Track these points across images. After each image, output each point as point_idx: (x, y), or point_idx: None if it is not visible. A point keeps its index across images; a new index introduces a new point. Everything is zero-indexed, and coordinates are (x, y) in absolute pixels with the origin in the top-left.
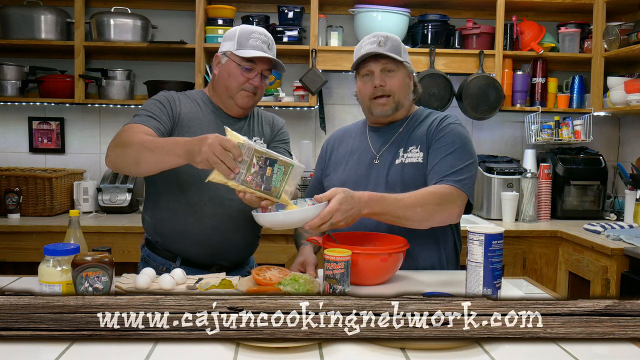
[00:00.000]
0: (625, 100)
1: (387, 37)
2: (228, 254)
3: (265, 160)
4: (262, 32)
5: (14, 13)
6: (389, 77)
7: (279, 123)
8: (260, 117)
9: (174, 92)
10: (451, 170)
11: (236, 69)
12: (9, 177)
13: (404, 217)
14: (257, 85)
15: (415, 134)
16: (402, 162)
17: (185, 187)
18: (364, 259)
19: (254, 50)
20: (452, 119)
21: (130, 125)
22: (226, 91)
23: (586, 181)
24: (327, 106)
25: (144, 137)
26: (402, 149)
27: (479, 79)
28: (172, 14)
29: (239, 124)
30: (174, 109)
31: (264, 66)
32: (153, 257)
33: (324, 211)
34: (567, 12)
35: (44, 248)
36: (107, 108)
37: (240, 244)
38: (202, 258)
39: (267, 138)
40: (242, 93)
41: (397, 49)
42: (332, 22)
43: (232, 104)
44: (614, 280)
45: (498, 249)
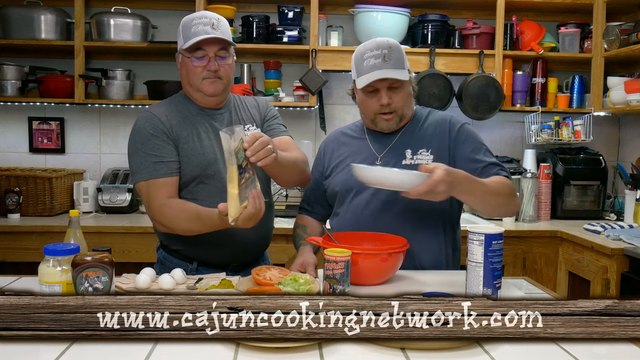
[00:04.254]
0: (625, 100)
1: (390, 49)
2: (245, 252)
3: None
4: (203, 15)
5: (14, 13)
6: (394, 94)
7: (263, 103)
8: (245, 103)
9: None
10: (498, 166)
11: (189, 63)
12: (9, 177)
13: (486, 201)
14: (216, 69)
15: (422, 136)
16: (412, 164)
17: (196, 193)
18: (363, 259)
19: (197, 36)
20: (460, 119)
21: (149, 190)
22: (192, 87)
23: (586, 181)
24: (327, 106)
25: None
26: (409, 150)
27: (479, 79)
28: (172, 14)
29: (221, 114)
30: (165, 130)
31: (214, 48)
32: (170, 259)
33: (433, 179)
34: (567, 12)
35: (44, 248)
36: (107, 108)
37: (255, 240)
38: (219, 259)
39: (258, 122)
40: (205, 82)
41: (400, 61)
42: (332, 22)
43: (202, 96)
44: (614, 280)
45: (498, 249)
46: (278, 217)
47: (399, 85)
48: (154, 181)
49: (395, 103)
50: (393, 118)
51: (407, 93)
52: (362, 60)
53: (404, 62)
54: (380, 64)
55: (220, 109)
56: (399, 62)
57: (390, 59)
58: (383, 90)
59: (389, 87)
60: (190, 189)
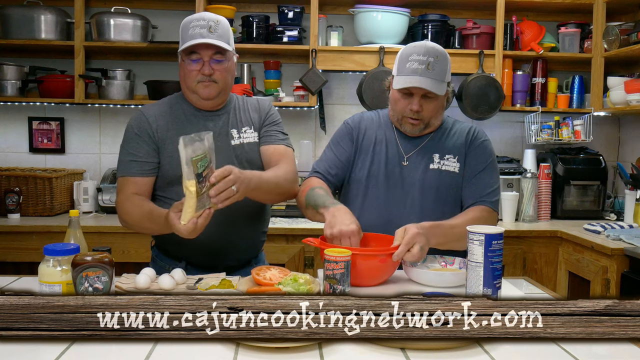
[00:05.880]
0: (625, 100)
1: (436, 58)
2: (231, 255)
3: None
4: (201, 17)
5: (14, 13)
6: (427, 103)
7: (265, 106)
8: (246, 104)
9: (146, 109)
10: (488, 191)
11: (185, 66)
12: (9, 177)
13: (457, 245)
14: (210, 73)
15: (449, 143)
16: (439, 168)
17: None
18: (362, 260)
19: (192, 39)
20: (485, 135)
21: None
22: (188, 89)
23: (586, 181)
24: (327, 106)
25: (135, 217)
26: (437, 155)
27: (479, 79)
28: (172, 14)
29: (218, 115)
30: (149, 131)
31: (209, 52)
32: (161, 257)
33: (409, 235)
34: (567, 12)
35: (44, 248)
36: (107, 108)
37: (241, 244)
38: (206, 261)
39: (256, 125)
40: (200, 85)
41: (443, 73)
42: (332, 22)
43: (197, 99)
44: (614, 280)
45: (498, 249)
46: (278, 217)
47: (433, 96)
48: (125, 178)
49: (425, 112)
50: (419, 124)
51: (439, 105)
52: (406, 61)
53: (446, 74)
54: (423, 70)
55: (218, 110)
56: (440, 74)
57: (434, 68)
58: (417, 96)
59: (424, 95)
60: (176, 189)
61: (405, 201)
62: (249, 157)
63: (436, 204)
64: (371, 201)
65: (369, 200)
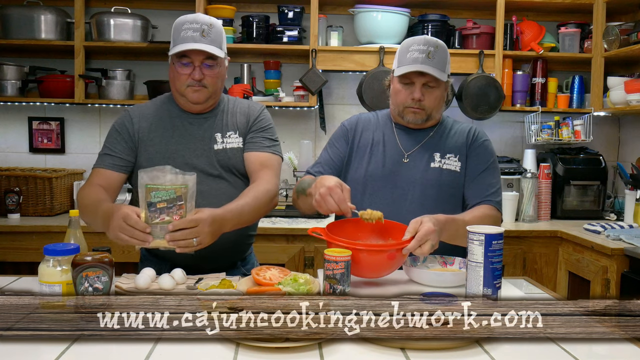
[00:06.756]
0: (625, 100)
1: (436, 48)
2: (216, 258)
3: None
4: (194, 20)
5: (14, 13)
6: (428, 92)
7: (254, 111)
8: (236, 107)
9: (134, 108)
10: (492, 190)
11: (176, 68)
12: (9, 177)
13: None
14: (200, 78)
15: (450, 142)
16: (440, 167)
17: None
18: (368, 255)
19: (184, 43)
20: (486, 135)
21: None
22: (177, 91)
23: (586, 181)
24: (327, 106)
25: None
26: (438, 154)
27: (479, 79)
28: (172, 14)
29: (207, 120)
30: (131, 130)
31: (201, 57)
32: (147, 257)
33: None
34: (567, 12)
35: (44, 248)
36: (107, 108)
37: (224, 247)
38: (189, 262)
39: (242, 130)
40: (189, 89)
41: (443, 63)
42: (332, 22)
43: (186, 102)
44: (614, 280)
45: (498, 249)
46: (278, 217)
47: (434, 85)
48: (95, 169)
49: (426, 101)
50: (421, 113)
51: (440, 96)
52: (406, 52)
53: (446, 65)
54: (424, 59)
55: (205, 113)
56: (441, 63)
57: (435, 57)
58: (418, 84)
59: (425, 84)
60: None
61: (405, 199)
62: (231, 163)
63: (437, 203)
64: (370, 200)
65: (367, 199)
